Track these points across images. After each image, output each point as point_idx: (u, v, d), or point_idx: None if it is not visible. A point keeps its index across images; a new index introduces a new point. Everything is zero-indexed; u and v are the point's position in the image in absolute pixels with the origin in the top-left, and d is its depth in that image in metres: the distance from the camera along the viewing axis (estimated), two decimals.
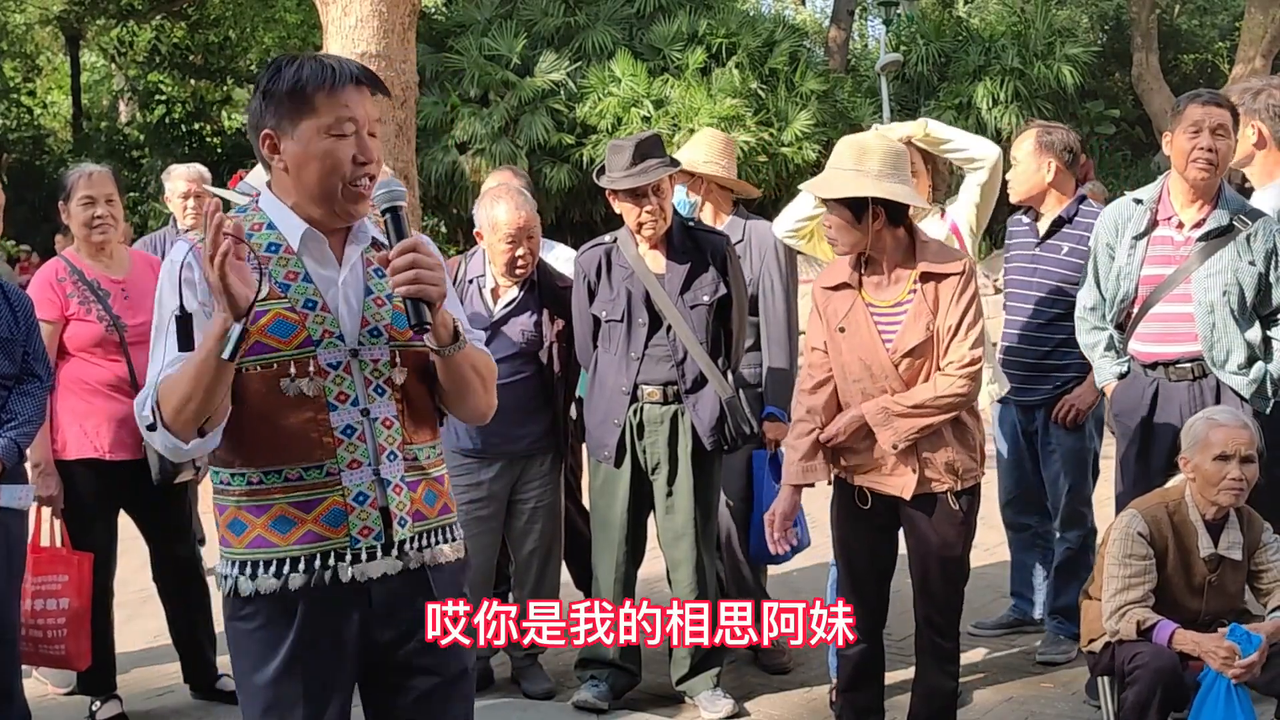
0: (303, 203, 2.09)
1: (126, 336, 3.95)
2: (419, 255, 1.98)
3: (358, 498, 2.07)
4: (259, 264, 2.03)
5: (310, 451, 2.05)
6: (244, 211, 2.15)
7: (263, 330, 2.03)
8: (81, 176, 4.02)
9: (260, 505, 2.07)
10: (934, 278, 3.30)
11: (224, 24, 19.97)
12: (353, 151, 2.05)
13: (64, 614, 3.82)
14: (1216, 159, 3.70)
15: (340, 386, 2.07)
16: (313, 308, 2.07)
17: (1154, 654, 3.26)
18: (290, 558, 2.06)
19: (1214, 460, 3.33)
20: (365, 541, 2.08)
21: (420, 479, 2.15)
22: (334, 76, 2.04)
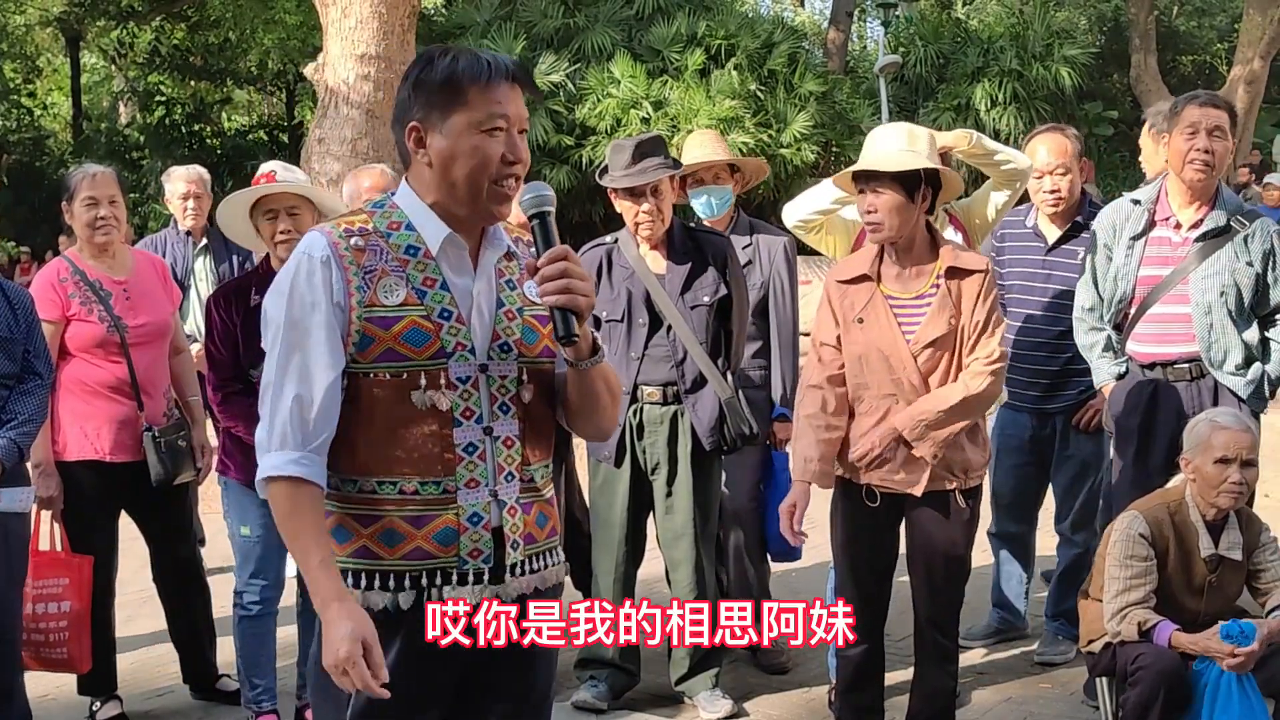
0: (444, 201, 2.01)
1: (128, 337, 3.95)
2: (569, 264, 1.92)
3: (472, 518, 2.00)
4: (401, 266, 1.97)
5: (430, 466, 1.98)
6: (381, 207, 2.06)
7: (397, 337, 1.96)
8: (85, 177, 4.02)
9: (369, 515, 2.00)
10: (959, 274, 3.32)
11: (224, 25, 19.94)
12: (502, 150, 1.97)
13: (65, 616, 3.81)
14: (1214, 160, 3.71)
15: (467, 402, 1.99)
16: (448, 318, 1.99)
17: (1157, 655, 3.26)
18: (395, 572, 1.98)
19: (1215, 463, 3.34)
20: (474, 564, 2.00)
21: (534, 500, 2.09)
22: (490, 71, 1.95)
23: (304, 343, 1.95)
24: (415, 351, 1.96)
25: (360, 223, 2.02)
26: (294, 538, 1.95)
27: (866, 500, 3.39)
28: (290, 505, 1.95)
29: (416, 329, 1.97)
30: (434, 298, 1.99)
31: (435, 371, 1.97)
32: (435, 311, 1.98)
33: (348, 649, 1.85)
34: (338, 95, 7.94)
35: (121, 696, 4.13)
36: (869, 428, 3.33)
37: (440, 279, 2.00)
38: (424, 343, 1.97)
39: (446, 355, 1.98)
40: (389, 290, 1.97)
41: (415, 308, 1.97)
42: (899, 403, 3.30)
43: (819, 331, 3.42)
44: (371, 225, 2.02)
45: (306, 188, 3.83)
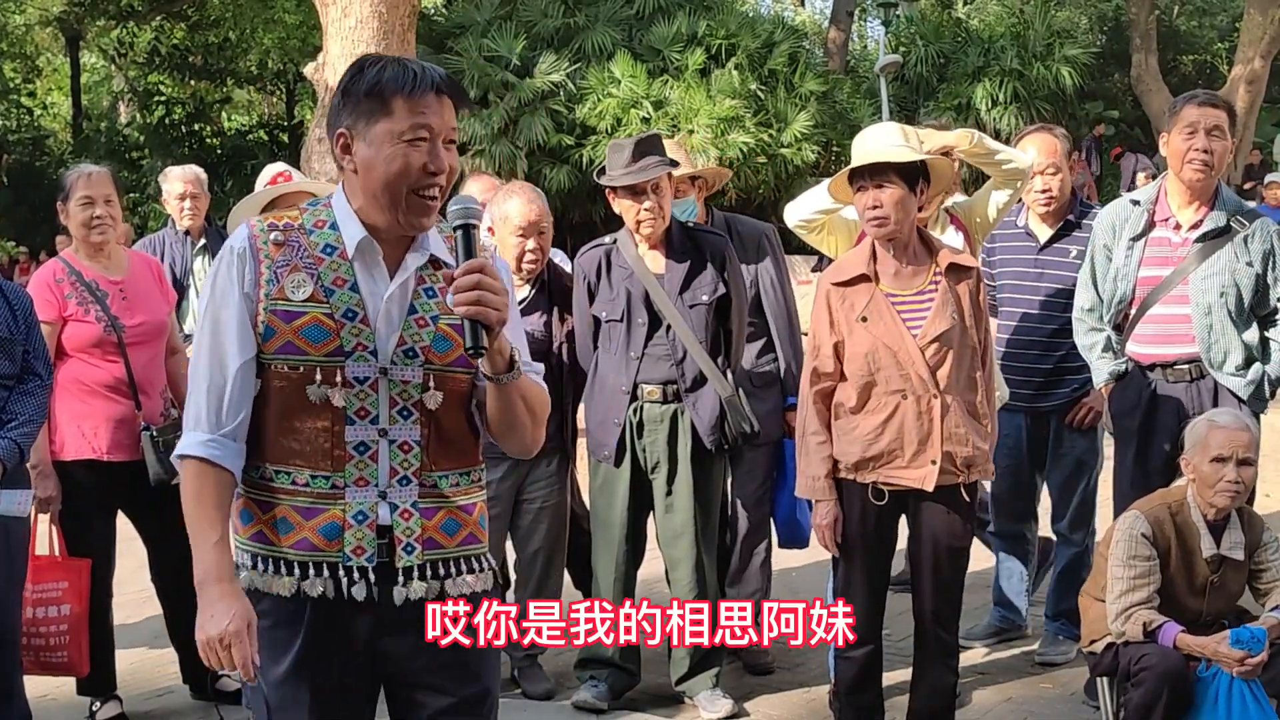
0: (368, 207, 2.05)
1: (125, 337, 3.94)
2: (484, 277, 1.93)
3: (357, 516, 2.04)
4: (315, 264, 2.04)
5: (320, 461, 2.03)
6: (315, 206, 2.13)
7: (297, 332, 2.01)
8: (80, 177, 4.02)
9: (265, 501, 2.06)
10: (957, 270, 3.35)
11: (224, 25, 19.96)
12: (424, 160, 2.00)
13: (65, 620, 3.81)
14: (1213, 160, 3.70)
15: (363, 402, 2.03)
16: (352, 318, 2.03)
17: (1160, 656, 3.26)
18: (285, 560, 2.04)
19: (1211, 462, 3.34)
20: (357, 561, 2.04)
21: (439, 507, 2.10)
22: (415, 82, 1.99)
23: (218, 330, 2.04)
24: (313, 347, 2.02)
25: (288, 219, 2.10)
26: (194, 517, 2.03)
27: (873, 499, 3.38)
28: (196, 485, 2.03)
29: (317, 325, 2.02)
30: (341, 297, 2.04)
31: (331, 369, 2.02)
32: (340, 311, 2.03)
33: (235, 625, 1.95)
34: None
35: (121, 696, 4.12)
36: (878, 424, 3.32)
37: (351, 280, 2.05)
38: (323, 340, 2.02)
39: (345, 354, 2.02)
40: (296, 285, 2.03)
41: (319, 305, 2.03)
42: (907, 398, 3.30)
43: (818, 334, 3.41)
44: (299, 222, 2.09)
45: (322, 185, 3.89)
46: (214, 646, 1.96)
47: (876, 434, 3.32)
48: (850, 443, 3.36)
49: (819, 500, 3.41)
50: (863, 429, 3.34)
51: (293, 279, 2.03)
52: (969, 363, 3.37)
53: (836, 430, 3.39)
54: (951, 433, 3.30)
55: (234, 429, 2.04)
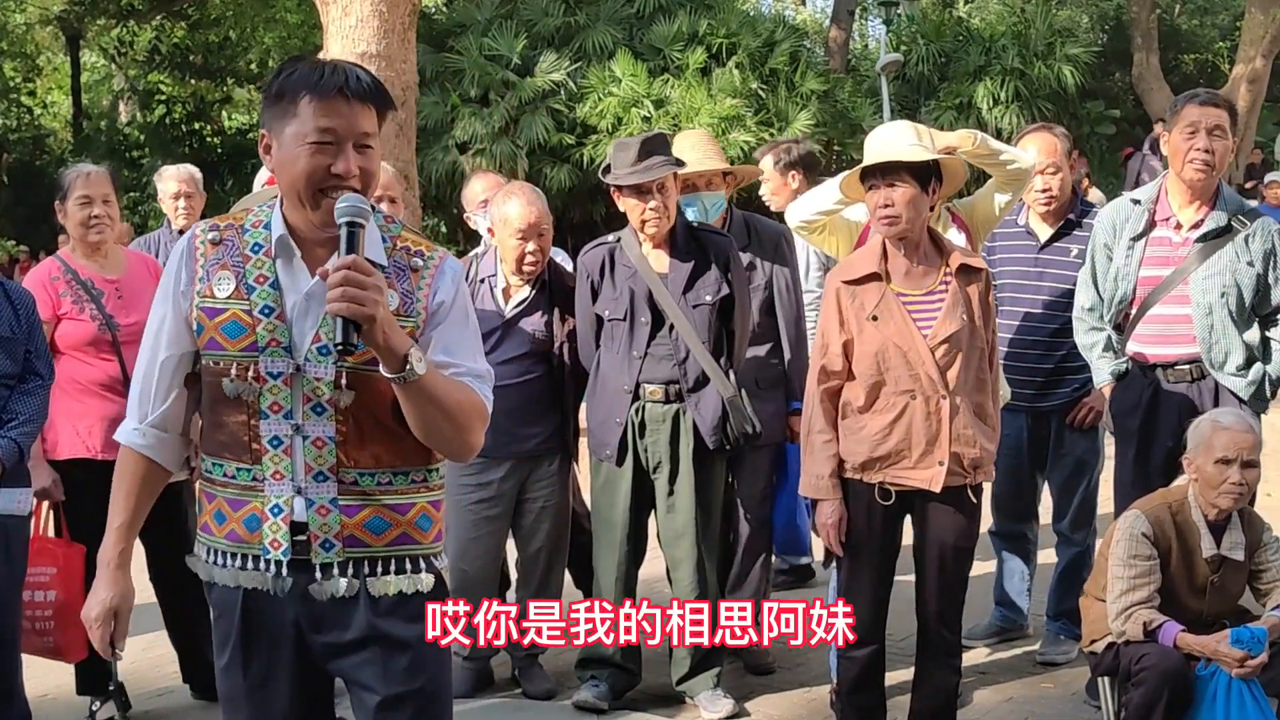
0: (287, 207, 2.10)
1: (119, 336, 3.94)
2: (352, 273, 1.90)
3: (273, 509, 2.08)
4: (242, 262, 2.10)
5: (241, 454, 2.09)
6: (264, 207, 2.17)
7: (218, 328, 2.07)
8: (79, 176, 4.01)
9: (209, 493, 2.15)
10: (967, 271, 3.35)
11: (224, 24, 19.97)
12: (329, 162, 2.00)
13: (50, 606, 3.79)
14: (1214, 160, 3.70)
15: (275, 397, 2.06)
16: (268, 314, 2.07)
17: (1161, 655, 3.26)
18: (220, 550, 2.12)
19: (1215, 463, 3.33)
20: (274, 554, 2.08)
21: (363, 504, 2.09)
22: (319, 84, 1.99)
23: (156, 325, 2.15)
24: (230, 343, 2.07)
25: (232, 219, 2.17)
26: (113, 496, 2.19)
27: (879, 499, 3.37)
28: (120, 468, 2.19)
29: (235, 321, 2.07)
30: (260, 294, 2.08)
31: (245, 364, 2.06)
32: (258, 307, 2.07)
33: (99, 611, 2.13)
34: None
35: None
36: (886, 424, 3.31)
37: (272, 277, 2.09)
38: (239, 335, 2.07)
39: (258, 349, 2.06)
40: (221, 283, 2.09)
41: (240, 302, 2.07)
42: (916, 398, 3.29)
43: (827, 333, 3.39)
44: (242, 221, 2.15)
45: None
46: (87, 625, 2.14)
47: (884, 434, 3.31)
48: (858, 442, 3.35)
49: (824, 500, 3.39)
50: (870, 428, 3.33)
51: (219, 277, 2.09)
52: (977, 364, 3.37)
53: (843, 429, 3.38)
54: (960, 434, 3.30)
55: (158, 419, 2.16)
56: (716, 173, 4.22)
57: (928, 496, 3.34)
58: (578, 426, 4.23)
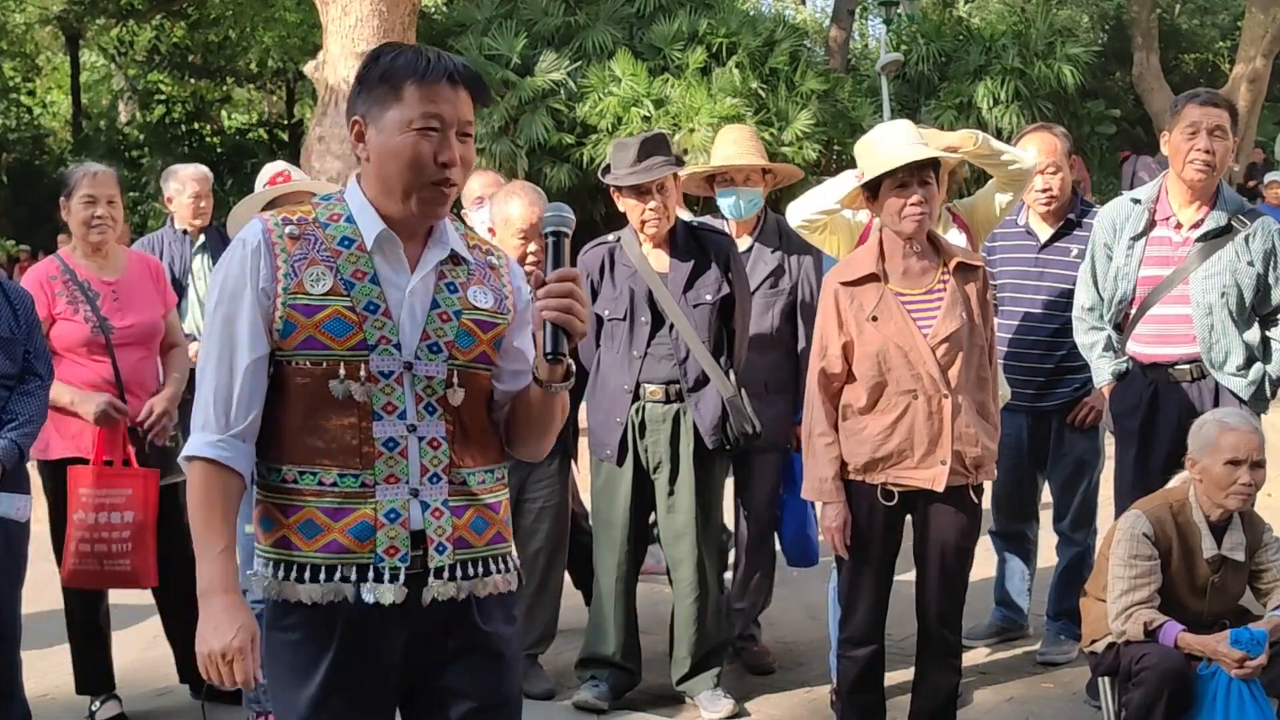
0: (382, 197, 2.02)
1: (113, 338, 3.93)
2: (577, 288, 1.93)
3: (389, 514, 1.98)
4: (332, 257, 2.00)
5: (349, 459, 1.97)
6: (328, 200, 2.09)
7: (318, 326, 1.96)
8: (85, 175, 4.01)
9: (288, 505, 1.99)
10: (964, 270, 3.35)
11: (224, 24, 19.94)
12: (434, 150, 1.96)
13: (128, 527, 3.80)
14: (1214, 160, 3.70)
15: (389, 397, 1.98)
16: (374, 311, 1.98)
17: (1161, 655, 3.25)
18: (312, 564, 1.97)
19: (1224, 465, 3.32)
20: (390, 561, 1.97)
21: (468, 505, 2.05)
22: (427, 69, 1.95)
23: (229, 328, 1.98)
24: (336, 341, 1.96)
25: (302, 213, 2.05)
26: (200, 524, 1.98)
27: (882, 500, 3.37)
28: (202, 489, 1.98)
29: (339, 319, 1.97)
30: (362, 290, 1.99)
31: (355, 363, 1.97)
32: (361, 304, 1.98)
33: (240, 640, 1.93)
34: (338, 93, 7.94)
35: (121, 696, 4.12)
36: (888, 424, 3.31)
37: (371, 273, 2.00)
38: (345, 333, 1.97)
39: (368, 348, 1.97)
40: (315, 279, 1.98)
41: (340, 298, 1.98)
42: (918, 398, 3.29)
43: (826, 335, 3.38)
44: (313, 216, 2.04)
45: (322, 185, 3.91)
46: (215, 660, 1.94)
47: (886, 434, 3.31)
48: (859, 443, 3.34)
49: (827, 502, 3.38)
50: (872, 429, 3.32)
51: (311, 272, 1.98)
52: (977, 362, 3.37)
53: (844, 431, 3.38)
54: (962, 433, 3.29)
55: (244, 429, 1.99)
56: (756, 169, 4.21)
57: (929, 496, 3.34)
58: (577, 427, 4.22)
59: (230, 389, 1.98)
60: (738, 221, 4.26)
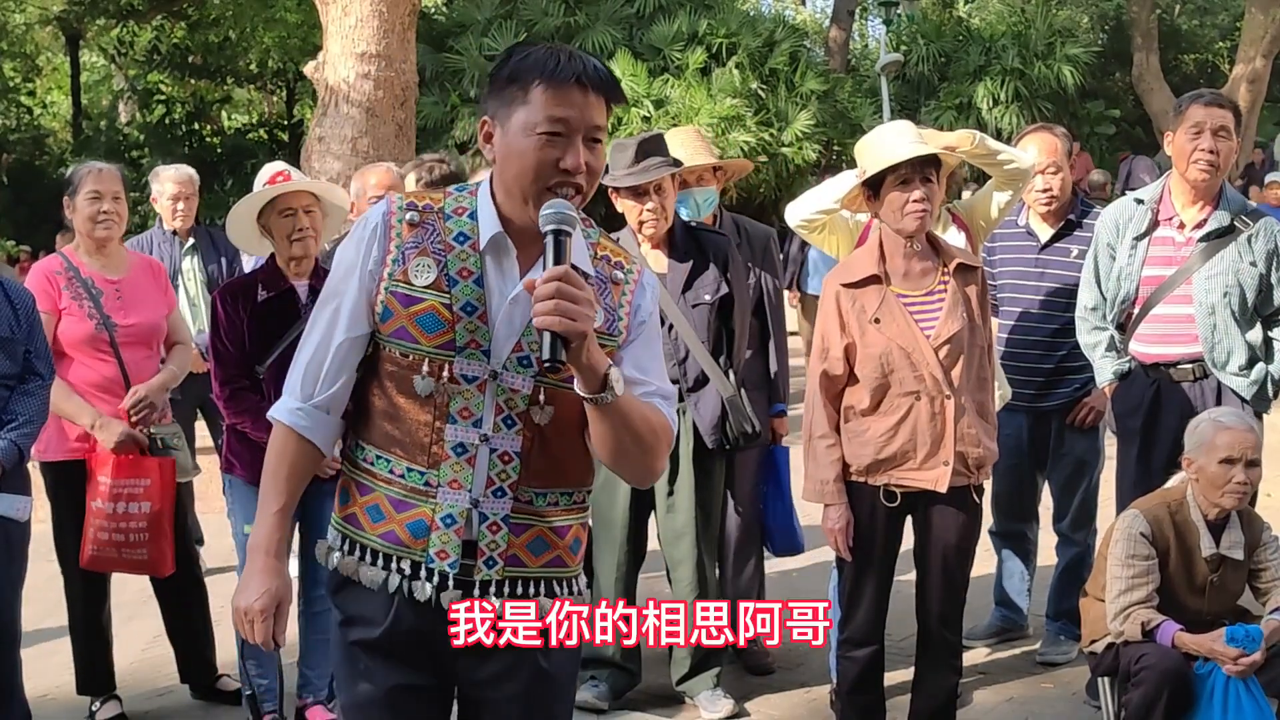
0: (504, 199, 1.95)
1: (117, 336, 3.94)
2: (565, 285, 1.77)
3: (446, 519, 1.94)
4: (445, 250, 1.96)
5: (417, 455, 1.94)
6: (462, 190, 2.03)
7: (412, 318, 1.92)
8: (90, 172, 4.02)
9: (364, 485, 2.00)
10: (964, 271, 3.35)
11: (224, 24, 19.94)
12: (559, 155, 1.88)
13: (145, 517, 3.83)
14: (1218, 160, 3.70)
15: (467, 402, 1.93)
16: (470, 313, 1.92)
17: (1160, 655, 3.25)
18: (372, 548, 1.97)
19: (1220, 463, 3.33)
20: (439, 564, 1.94)
21: (531, 524, 1.98)
22: (556, 70, 1.87)
23: (333, 302, 1.99)
24: (425, 336, 1.92)
25: (430, 199, 2.01)
26: (266, 480, 2.03)
27: (885, 501, 3.37)
28: (277, 448, 2.03)
29: (433, 314, 1.92)
30: (463, 289, 1.93)
31: (440, 362, 1.92)
32: (459, 303, 1.92)
33: (263, 603, 1.98)
34: (338, 94, 7.94)
35: (121, 696, 4.12)
36: (890, 426, 3.30)
37: (478, 273, 1.94)
38: (436, 330, 1.92)
39: (455, 349, 1.91)
40: (419, 270, 1.94)
41: (440, 294, 1.93)
42: (921, 399, 3.29)
43: (828, 337, 3.36)
44: (440, 205, 1.99)
45: (321, 185, 3.91)
46: (240, 617, 1.99)
47: (889, 436, 3.30)
48: (862, 445, 3.34)
49: (829, 504, 3.38)
50: (875, 431, 3.32)
51: (418, 263, 1.93)
52: (978, 363, 3.37)
53: (846, 433, 3.37)
54: (964, 434, 3.30)
55: (325, 401, 2.00)
56: (706, 168, 4.21)
57: (931, 497, 3.34)
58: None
59: (321, 362, 1.99)
60: (694, 222, 4.26)
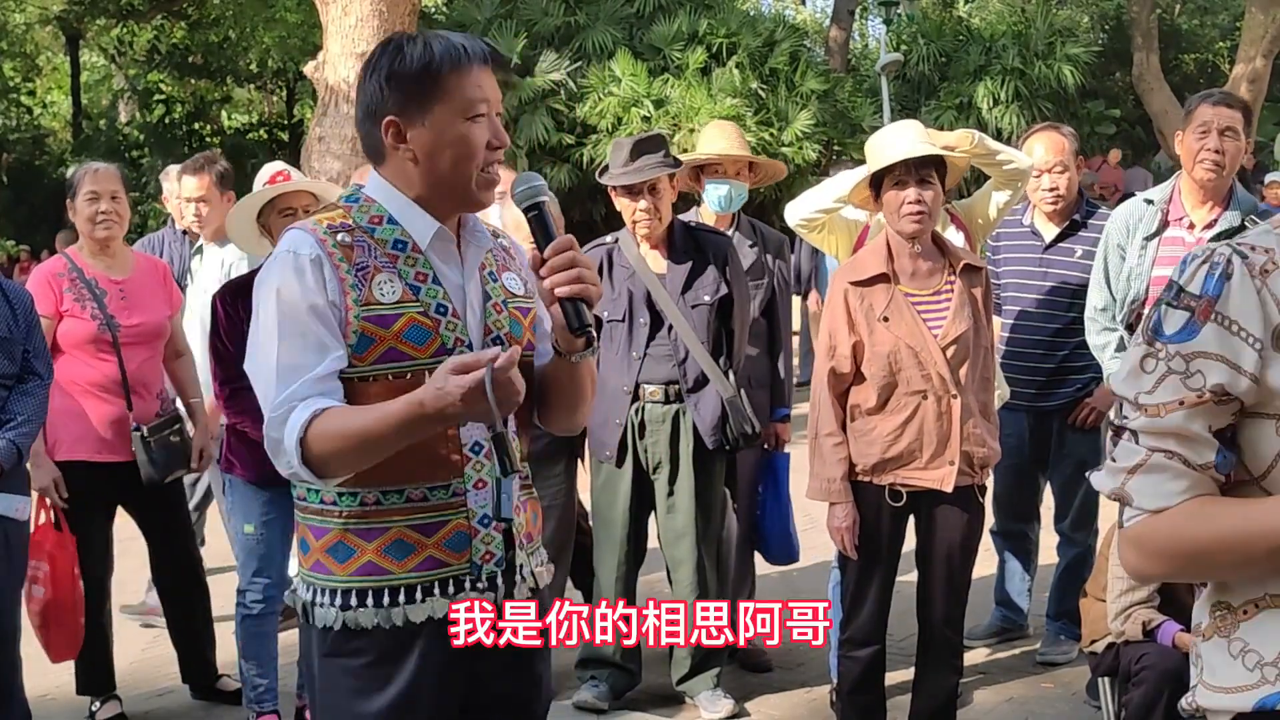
0: (429, 194, 1.91)
1: (119, 336, 3.94)
2: (577, 254, 1.83)
3: (482, 520, 1.92)
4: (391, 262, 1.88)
5: (437, 470, 1.89)
6: (355, 201, 1.95)
7: (398, 336, 1.86)
8: (88, 173, 4.02)
9: (374, 528, 1.89)
10: (970, 271, 3.36)
11: (224, 24, 19.96)
12: (487, 136, 1.89)
13: (40, 602, 3.75)
14: (1224, 160, 3.70)
15: None
16: (444, 313, 1.90)
17: (1160, 655, 3.25)
18: (406, 586, 1.89)
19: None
20: (487, 567, 1.93)
21: (529, 497, 2.04)
22: (466, 55, 1.87)
23: (298, 343, 1.83)
24: (418, 350, 1.87)
25: (339, 219, 1.92)
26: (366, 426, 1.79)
27: (890, 500, 3.36)
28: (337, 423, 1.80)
29: (416, 326, 1.88)
30: (428, 293, 1.90)
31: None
32: (431, 307, 1.90)
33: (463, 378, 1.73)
34: (338, 93, 7.93)
35: (121, 696, 4.12)
36: (897, 425, 3.30)
37: (431, 273, 1.92)
38: (426, 340, 1.88)
39: (447, 351, 1.88)
40: (384, 287, 1.87)
41: (412, 304, 1.89)
42: (928, 398, 3.29)
43: (835, 335, 3.35)
44: (352, 220, 1.92)
45: (321, 185, 3.91)
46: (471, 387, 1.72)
47: (896, 435, 3.30)
48: (869, 444, 3.33)
49: (836, 503, 3.37)
50: (881, 430, 3.32)
51: (379, 280, 1.87)
52: (982, 363, 3.38)
53: (853, 432, 3.37)
54: (970, 433, 3.30)
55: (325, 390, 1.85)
56: (744, 163, 4.22)
57: (935, 497, 3.34)
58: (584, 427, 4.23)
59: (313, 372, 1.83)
60: (717, 215, 4.27)
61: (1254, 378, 1.39)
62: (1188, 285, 1.43)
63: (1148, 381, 1.43)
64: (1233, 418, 1.42)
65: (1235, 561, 1.43)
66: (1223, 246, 1.44)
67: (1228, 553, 1.41)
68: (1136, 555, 1.48)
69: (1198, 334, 1.41)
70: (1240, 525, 1.39)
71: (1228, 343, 1.40)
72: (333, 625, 1.91)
